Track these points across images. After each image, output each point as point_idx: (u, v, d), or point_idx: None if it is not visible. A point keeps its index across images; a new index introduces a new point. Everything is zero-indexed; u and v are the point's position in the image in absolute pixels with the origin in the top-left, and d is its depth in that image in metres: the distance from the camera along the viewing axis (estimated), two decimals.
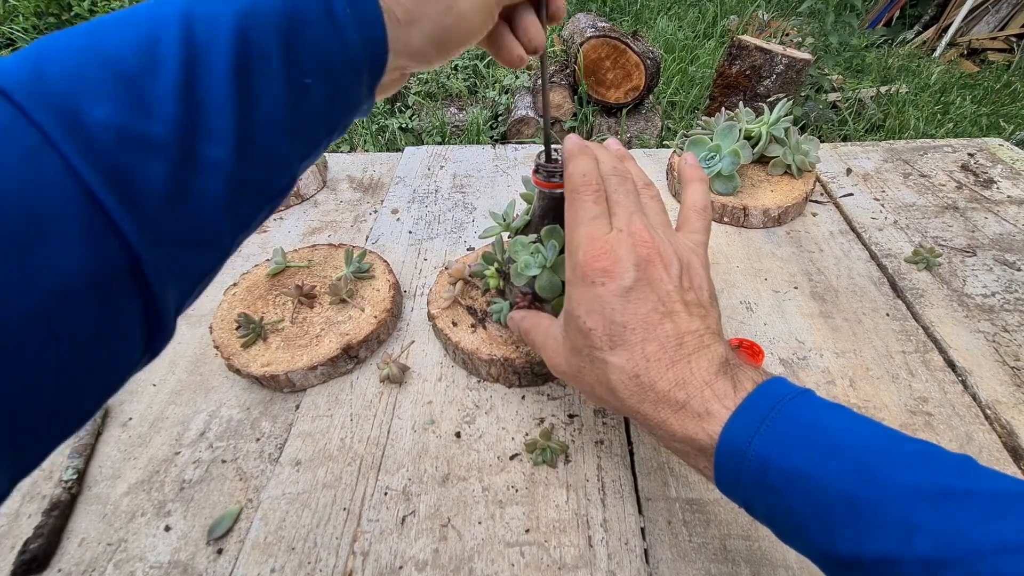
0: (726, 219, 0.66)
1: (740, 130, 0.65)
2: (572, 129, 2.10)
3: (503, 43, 0.30)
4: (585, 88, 2.04)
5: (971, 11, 3.16)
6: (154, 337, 0.20)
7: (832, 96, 2.32)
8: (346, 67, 0.22)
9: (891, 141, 0.84)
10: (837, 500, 0.24)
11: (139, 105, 0.17)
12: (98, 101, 0.16)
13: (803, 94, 2.11)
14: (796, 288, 0.58)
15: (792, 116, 0.69)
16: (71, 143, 0.15)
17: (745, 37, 1.82)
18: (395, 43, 0.24)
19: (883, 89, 2.43)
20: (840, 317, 0.54)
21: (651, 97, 2.20)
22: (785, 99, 0.70)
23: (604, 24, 2.10)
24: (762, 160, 0.70)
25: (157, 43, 0.18)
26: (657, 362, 0.29)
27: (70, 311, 0.16)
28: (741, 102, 0.79)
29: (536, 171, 0.39)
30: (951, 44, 3.19)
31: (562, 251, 0.40)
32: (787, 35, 2.68)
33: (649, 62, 1.93)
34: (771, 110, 0.67)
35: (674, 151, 0.77)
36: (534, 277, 0.41)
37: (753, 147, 0.66)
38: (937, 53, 3.14)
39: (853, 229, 0.66)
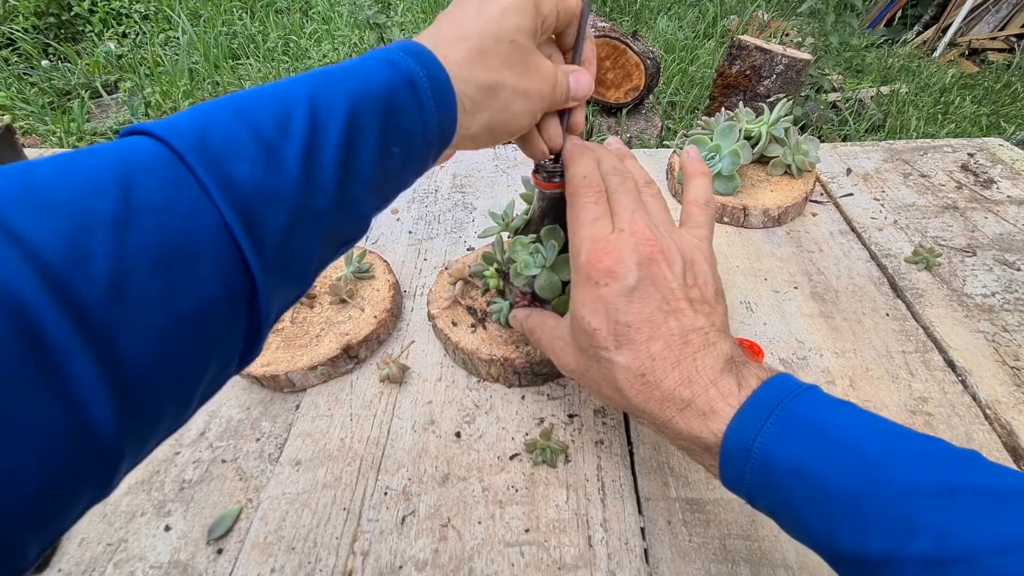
0: (726, 219, 0.66)
1: (740, 130, 0.65)
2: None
3: (531, 140, 0.35)
4: None
5: (971, 11, 3.16)
6: (249, 352, 0.23)
7: (832, 96, 2.32)
8: (423, 142, 0.27)
9: (891, 141, 0.84)
10: (839, 498, 0.24)
11: (273, 166, 0.21)
12: (244, 161, 0.20)
13: (803, 94, 2.11)
14: (796, 288, 0.58)
15: (792, 116, 0.69)
16: (221, 194, 0.20)
17: (745, 37, 1.82)
18: (459, 127, 0.28)
19: (883, 89, 2.43)
20: (840, 317, 0.54)
21: (651, 97, 2.20)
22: (785, 99, 0.70)
23: (604, 24, 2.10)
24: (762, 160, 0.70)
25: (290, 118, 0.22)
26: (663, 360, 0.30)
27: (205, 325, 0.20)
28: (741, 102, 0.79)
29: (536, 171, 0.39)
30: (951, 44, 3.19)
31: (562, 251, 0.40)
32: (787, 35, 2.68)
33: (649, 62, 1.93)
34: (771, 110, 0.67)
35: (674, 151, 0.77)
36: (533, 277, 0.41)
37: (753, 147, 0.66)
38: (937, 53, 3.14)
39: (853, 229, 0.66)
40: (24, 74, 2.46)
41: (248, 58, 2.58)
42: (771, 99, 1.72)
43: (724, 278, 0.59)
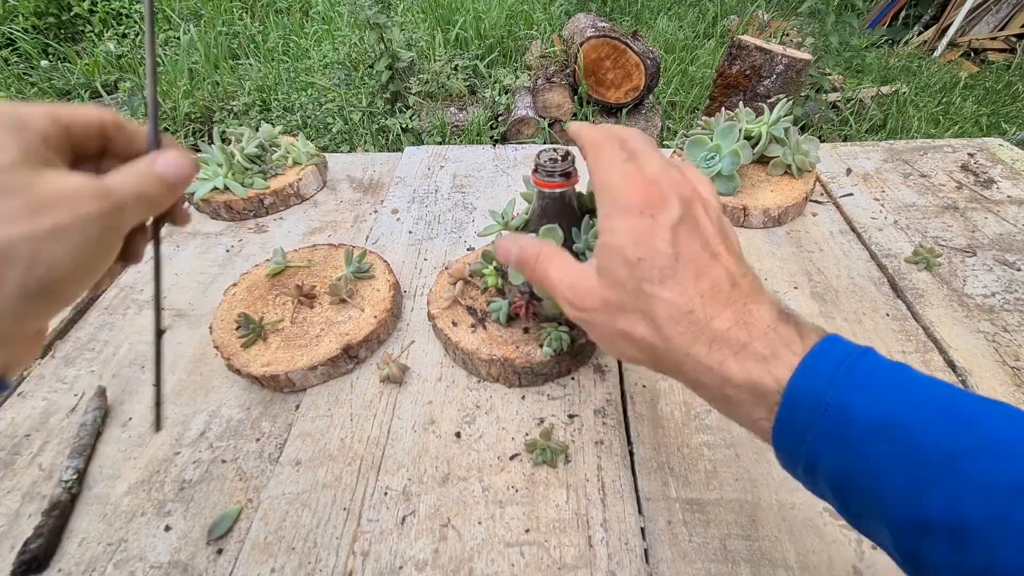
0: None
1: (740, 130, 0.65)
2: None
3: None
4: (585, 88, 2.04)
5: (971, 11, 3.16)
6: None
7: (832, 96, 2.32)
8: None
9: (891, 141, 0.84)
10: (933, 456, 0.21)
11: None
12: None
13: (803, 94, 2.11)
14: (796, 288, 0.58)
15: (792, 116, 0.69)
16: None
17: (745, 37, 1.82)
18: None
19: (883, 89, 2.43)
20: (840, 317, 0.54)
21: (651, 97, 2.20)
22: (785, 99, 0.70)
23: (604, 24, 2.10)
24: (762, 160, 0.70)
25: None
26: (712, 300, 0.27)
27: None
28: (741, 102, 0.79)
29: (536, 171, 0.39)
30: (951, 44, 3.19)
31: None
32: (787, 35, 2.68)
33: (649, 62, 1.93)
34: (771, 110, 0.67)
35: (674, 151, 0.77)
36: None
37: (753, 147, 0.66)
38: (937, 53, 3.13)
39: (853, 229, 0.66)
40: (24, 74, 2.46)
41: (248, 58, 2.58)
42: (771, 99, 1.73)
43: None
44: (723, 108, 0.70)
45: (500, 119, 2.15)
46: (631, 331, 0.29)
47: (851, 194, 0.72)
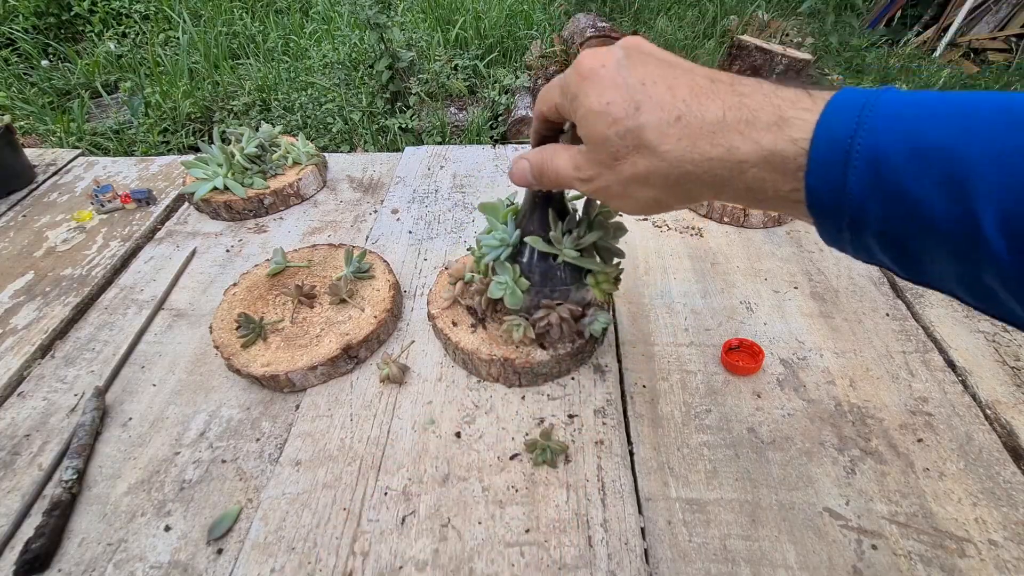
0: (726, 219, 0.66)
1: None
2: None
3: None
4: None
5: (971, 11, 3.16)
6: None
7: None
8: None
9: None
10: (982, 163, 0.20)
11: None
12: None
13: None
14: (796, 288, 0.58)
15: None
16: None
17: (745, 37, 1.82)
18: None
19: None
20: (840, 317, 0.54)
21: None
22: None
23: (604, 24, 2.10)
24: None
25: None
26: (696, 98, 0.26)
27: None
28: None
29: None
30: (951, 44, 3.19)
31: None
32: (787, 35, 2.68)
33: None
34: None
35: None
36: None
37: None
38: (937, 53, 3.14)
39: None
40: (24, 74, 2.46)
41: (248, 58, 2.58)
42: None
43: (724, 278, 0.59)
44: None
45: (500, 119, 2.15)
46: (635, 171, 0.28)
47: None
